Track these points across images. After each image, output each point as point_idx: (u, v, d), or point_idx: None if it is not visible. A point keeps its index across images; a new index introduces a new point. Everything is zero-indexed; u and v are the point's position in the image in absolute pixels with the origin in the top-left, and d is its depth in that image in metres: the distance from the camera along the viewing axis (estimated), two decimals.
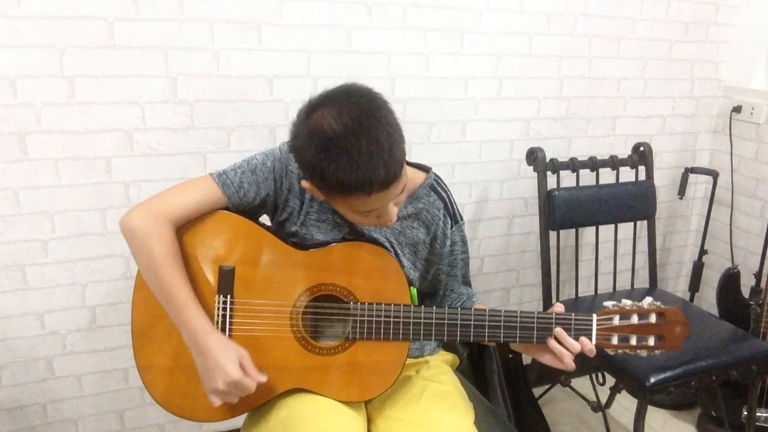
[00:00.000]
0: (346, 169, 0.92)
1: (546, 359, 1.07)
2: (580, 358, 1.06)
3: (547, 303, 1.91)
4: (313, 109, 0.95)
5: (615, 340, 1.04)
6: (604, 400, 1.91)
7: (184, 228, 1.06)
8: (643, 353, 1.05)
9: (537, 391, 2.04)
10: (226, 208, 1.10)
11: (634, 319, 1.04)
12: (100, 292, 1.60)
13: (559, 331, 1.03)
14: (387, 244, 1.15)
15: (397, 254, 1.15)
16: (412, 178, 1.18)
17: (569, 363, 1.03)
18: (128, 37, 1.44)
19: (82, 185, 1.50)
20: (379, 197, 0.97)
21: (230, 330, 1.06)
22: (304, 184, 1.03)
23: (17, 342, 1.56)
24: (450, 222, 1.21)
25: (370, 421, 1.14)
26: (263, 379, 1.00)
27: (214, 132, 1.58)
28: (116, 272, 1.59)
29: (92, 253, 1.56)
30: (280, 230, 1.15)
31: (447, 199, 1.22)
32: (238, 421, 1.15)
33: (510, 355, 1.16)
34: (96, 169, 1.50)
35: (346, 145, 0.91)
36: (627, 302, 1.05)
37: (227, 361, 0.97)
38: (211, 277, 1.06)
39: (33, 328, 1.56)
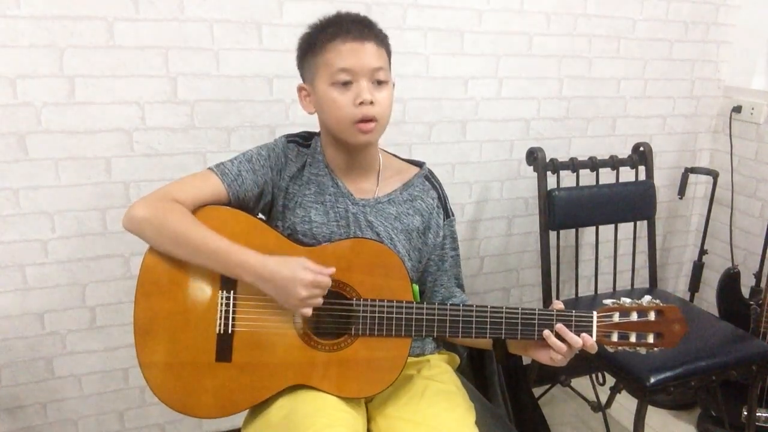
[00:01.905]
0: (328, 24, 1.09)
1: (543, 358, 1.07)
2: (580, 357, 1.06)
3: (547, 303, 1.91)
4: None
5: (615, 337, 1.05)
6: (604, 400, 1.92)
7: None
8: (643, 350, 1.06)
9: (537, 391, 2.03)
10: (228, 201, 1.11)
11: (634, 317, 1.05)
12: (100, 292, 1.60)
13: (560, 327, 1.03)
14: (381, 229, 1.16)
15: (392, 240, 1.16)
16: (406, 169, 1.23)
17: (564, 361, 1.04)
18: (128, 37, 1.44)
19: (82, 185, 1.50)
20: (353, 51, 1.05)
21: (233, 325, 1.06)
22: (298, 85, 1.15)
23: (17, 342, 1.56)
24: (442, 214, 1.22)
25: (370, 419, 1.15)
26: (332, 270, 1.03)
27: (214, 132, 1.58)
28: (116, 272, 1.59)
29: (92, 253, 1.56)
30: (281, 225, 1.16)
31: (440, 191, 1.24)
32: (239, 419, 1.15)
33: (507, 360, 1.16)
34: (96, 169, 1.50)
35: (334, 16, 1.11)
36: (626, 300, 1.06)
37: (295, 271, 1.00)
38: (215, 273, 1.06)
39: (33, 328, 1.56)
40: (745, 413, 1.83)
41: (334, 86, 1.07)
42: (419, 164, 1.25)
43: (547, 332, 1.04)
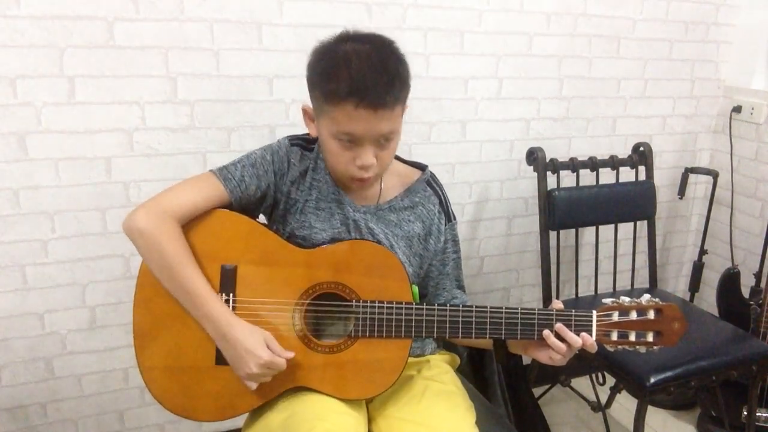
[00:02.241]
0: (343, 75, 0.98)
1: (543, 357, 1.07)
2: (580, 357, 1.06)
3: (547, 303, 1.91)
4: (342, 39, 1.04)
5: (614, 336, 1.05)
6: (604, 400, 1.92)
7: (186, 227, 1.06)
8: (642, 349, 1.06)
9: (537, 391, 2.03)
10: (229, 205, 1.10)
11: (633, 316, 1.05)
12: (100, 292, 1.60)
13: (560, 326, 1.03)
14: (382, 236, 1.15)
15: (392, 247, 1.15)
16: (408, 173, 1.22)
17: (564, 360, 1.04)
18: (128, 37, 1.44)
19: (82, 185, 1.50)
20: (363, 119, 0.98)
21: None
22: (304, 106, 1.11)
23: (17, 342, 1.56)
24: (444, 219, 1.22)
25: (371, 420, 1.14)
26: (291, 354, 1.03)
27: (214, 132, 1.58)
28: (116, 272, 1.59)
29: (92, 253, 1.56)
30: (281, 229, 1.16)
31: (442, 196, 1.23)
32: (239, 421, 1.15)
33: (508, 360, 1.17)
34: (96, 169, 1.50)
35: (353, 58, 0.99)
36: (626, 299, 1.07)
37: (255, 346, 1.00)
38: (214, 276, 1.06)
39: (33, 328, 1.56)
40: (745, 413, 1.83)
41: (337, 140, 1.04)
42: (422, 167, 1.24)
43: (546, 332, 1.04)
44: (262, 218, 1.20)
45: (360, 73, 0.97)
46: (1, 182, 1.44)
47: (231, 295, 1.06)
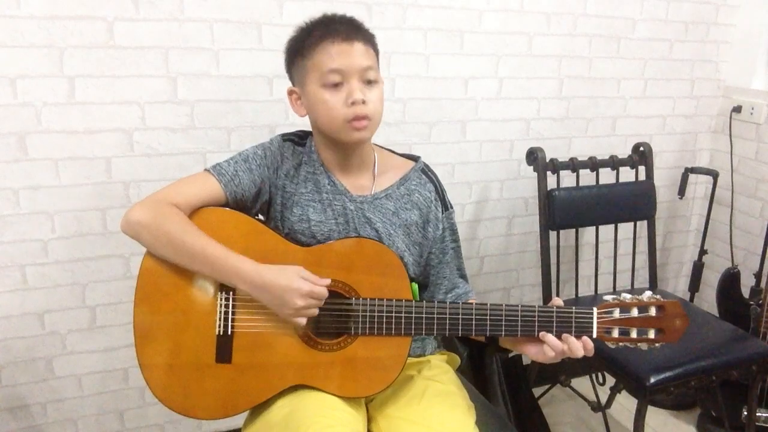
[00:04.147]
0: (315, 27, 1.09)
1: (532, 351, 1.07)
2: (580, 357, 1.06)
3: (547, 303, 1.90)
4: None
5: (615, 333, 1.05)
6: (604, 400, 1.92)
7: None
8: (644, 346, 1.06)
9: (537, 391, 2.03)
10: (225, 202, 1.11)
11: (634, 312, 1.05)
12: (100, 292, 1.60)
13: (566, 336, 1.03)
14: (380, 225, 1.15)
15: (391, 236, 1.16)
16: (402, 165, 1.23)
17: (557, 358, 1.05)
18: (128, 37, 1.44)
19: (82, 185, 1.50)
20: (342, 52, 1.06)
21: (232, 326, 1.06)
22: (288, 89, 1.15)
23: (17, 342, 1.56)
24: (441, 207, 1.22)
25: (371, 420, 1.15)
26: (328, 281, 1.04)
27: (214, 132, 1.58)
28: (116, 272, 1.59)
29: (92, 253, 1.56)
30: (280, 226, 1.16)
31: (437, 184, 1.24)
32: (239, 420, 1.15)
33: (498, 351, 1.17)
34: (96, 169, 1.50)
35: (320, 18, 1.11)
36: (627, 296, 1.06)
37: (291, 280, 1.00)
38: None
39: (33, 328, 1.56)
40: (745, 413, 1.83)
41: (325, 87, 1.07)
42: (414, 158, 1.25)
43: (543, 333, 1.04)
44: (261, 218, 1.20)
45: (329, 21, 1.10)
46: (1, 182, 1.44)
47: (231, 293, 1.06)
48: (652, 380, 1.53)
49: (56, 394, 1.64)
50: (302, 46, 1.09)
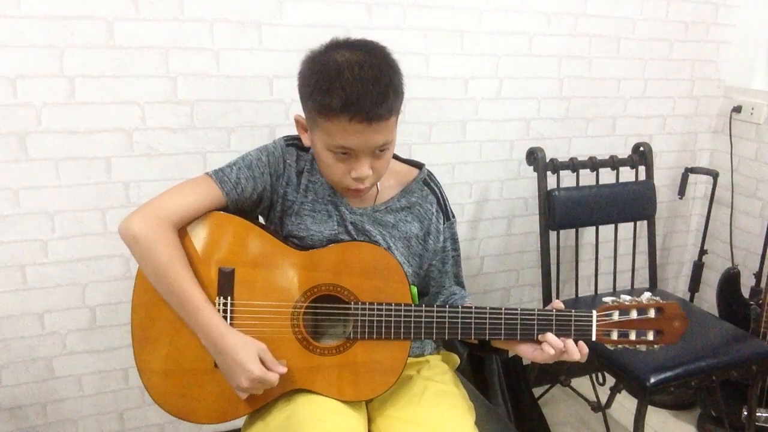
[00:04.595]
0: (336, 88, 0.96)
1: (525, 351, 1.07)
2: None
3: (547, 303, 1.90)
4: (333, 47, 1.02)
5: (615, 336, 1.05)
6: (604, 400, 1.92)
7: (183, 230, 1.06)
8: (643, 348, 1.06)
9: (537, 391, 2.03)
10: (226, 208, 1.10)
11: (633, 314, 1.05)
12: (100, 292, 1.60)
13: (564, 339, 1.03)
14: (379, 238, 1.15)
15: (390, 249, 1.15)
16: (405, 173, 1.21)
17: (553, 359, 1.05)
18: (128, 37, 1.44)
19: (82, 185, 1.50)
20: (358, 132, 0.98)
21: None
22: (296, 116, 1.10)
23: (17, 342, 1.56)
24: (442, 218, 1.21)
25: (370, 420, 1.14)
26: (284, 369, 1.02)
27: (214, 132, 1.58)
28: (116, 272, 1.59)
29: (92, 253, 1.56)
30: (279, 230, 1.16)
31: (439, 195, 1.22)
32: (239, 422, 1.15)
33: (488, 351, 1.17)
34: (96, 169, 1.50)
35: (345, 68, 0.97)
36: (626, 298, 1.06)
37: (247, 360, 0.99)
38: (211, 279, 1.06)
39: (33, 328, 1.56)
40: (745, 413, 1.83)
41: (332, 153, 1.03)
42: (418, 166, 1.23)
43: (542, 335, 1.04)
44: (261, 219, 1.20)
45: (353, 87, 0.96)
46: (1, 182, 1.44)
47: (229, 297, 1.06)
48: (652, 380, 1.53)
49: (56, 394, 1.64)
50: (319, 103, 0.99)
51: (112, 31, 1.42)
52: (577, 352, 1.03)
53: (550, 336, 1.03)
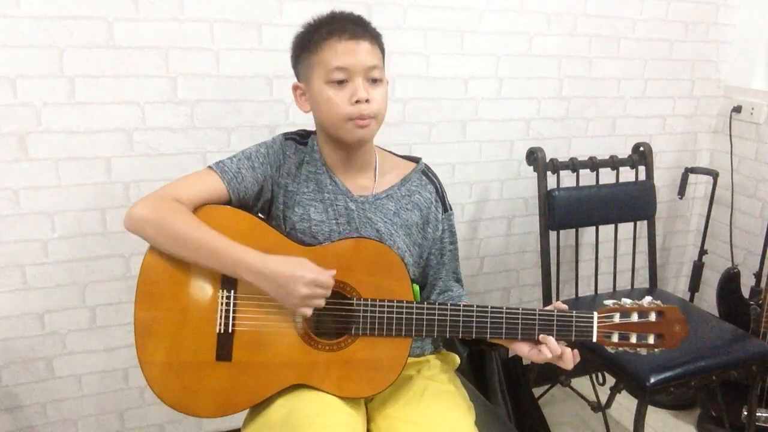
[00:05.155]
0: (322, 24, 1.10)
1: (523, 350, 1.07)
2: (581, 357, 1.06)
3: (547, 303, 1.91)
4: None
5: (615, 338, 1.05)
6: (604, 400, 1.91)
7: None
8: (643, 351, 1.06)
9: (537, 391, 2.03)
10: (228, 199, 1.11)
11: (635, 318, 1.05)
12: (100, 292, 1.60)
13: (562, 344, 1.04)
14: (381, 225, 1.16)
15: (392, 236, 1.16)
16: (404, 165, 1.24)
17: (550, 360, 1.05)
18: (128, 37, 1.44)
19: (82, 185, 1.50)
20: (348, 51, 1.06)
21: (233, 325, 1.06)
22: (293, 85, 1.16)
23: (17, 342, 1.56)
24: (441, 208, 1.23)
25: (370, 420, 1.15)
26: (333, 271, 1.04)
27: (214, 132, 1.58)
28: (116, 272, 1.59)
29: (92, 253, 1.56)
30: (282, 225, 1.16)
31: (437, 185, 1.24)
32: (239, 419, 1.15)
33: (496, 353, 1.17)
34: (96, 169, 1.50)
35: (327, 15, 1.12)
36: (627, 301, 1.06)
37: (296, 268, 1.01)
38: (215, 273, 1.06)
39: (33, 328, 1.56)
40: (745, 413, 1.83)
41: (330, 85, 1.07)
42: (416, 159, 1.26)
43: (543, 336, 1.04)
44: (262, 217, 1.20)
45: (336, 18, 1.11)
46: (1, 182, 1.44)
47: (232, 291, 1.07)
48: (652, 380, 1.53)
49: (56, 394, 1.63)
50: (309, 42, 1.10)
51: (112, 31, 1.42)
52: (571, 361, 1.04)
53: (551, 340, 1.04)
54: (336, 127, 1.10)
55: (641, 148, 1.98)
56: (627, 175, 1.98)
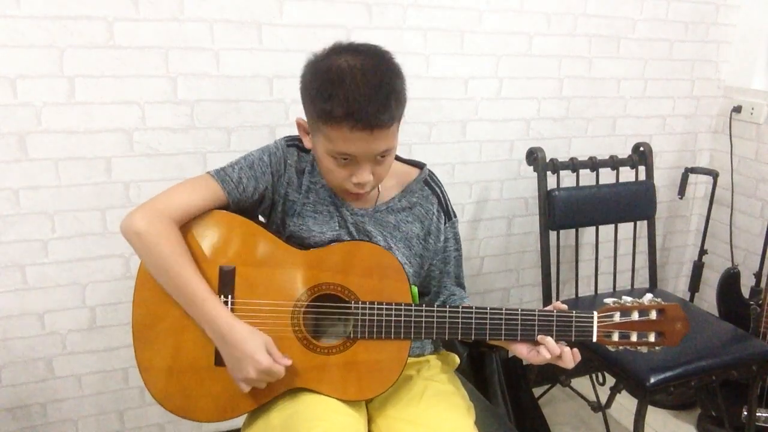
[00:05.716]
0: (338, 95, 0.96)
1: (521, 350, 1.07)
2: (582, 357, 1.06)
3: (547, 303, 1.91)
4: (335, 52, 1.01)
5: (616, 337, 1.05)
6: (604, 400, 1.91)
7: (184, 228, 1.06)
8: (644, 349, 1.06)
9: (537, 391, 2.03)
10: (227, 207, 1.10)
11: (635, 316, 1.05)
12: (100, 292, 1.60)
13: (561, 344, 1.04)
14: (380, 239, 1.15)
15: (391, 249, 1.15)
16: (406, 173, 1.21)
17: (549, 361, 1.05)
18: (128, 37, 1.44)
19: (82, 185, 1.50)
20: (360, 140, 0.98)
21: None
22: (298, 119, 1.09)
23: (17, 342, 1.56)
24: (444, 218, 1.21)
25: (370, 420, 1.14)
26: (289, 362, 1.02)
27: (214, 132, 1.58)
28: (116, 272, 1.59)
29: (92, 253, 1.56)
30: (281, 231, 1.16)
31: (441, 195, 1.22)
32: (239, 421, 1.15)
33: (496, 353, 1.17)
34: (96, 169, 1.50)
35: (348, 76, 0.96)
36: (627, 299, 1.06)
37: (255, 350, 0.99)
38: (212, 277, 1.06)
39: (33, 328, 1.56)
40: (745, 413, 1.83)
41: (332, 158, 1.03)
42: (419, 166, 1.23)
43: (541, 336, 1.04)
44: (262, 220, 1.20)
45: (355, 94, 0.95)
46: (1, 182, 1.44)
47: (229, 296, 1.06)
48: (652, 380, 1.53)
49: (56, 394, 1.64)
50: (320, 109, 0.98)
51: (112, 31, 1.42)
52: (571, 361, 1.03)
53: (550, 341, 1.03)
54: (331, 185, 1.11)
55: (641, 148, 1.98)
56: (627, 175, 1.98)
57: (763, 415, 1.86)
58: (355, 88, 0.95)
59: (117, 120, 1.49)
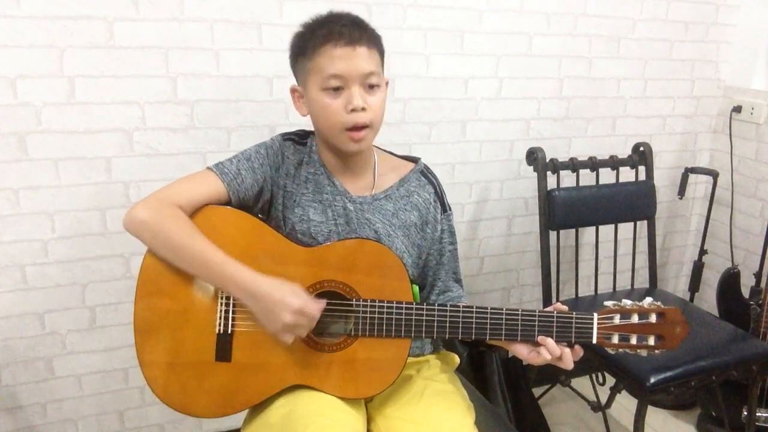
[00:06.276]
0: (318, 28, 1.07)
1: (521, 351, 1.07)
2: (582, 357, 1.06)
3: (547, 303, 1.91)
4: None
5: (615, 339, 1.05)
6: (604, 400, 1.92)
7: None
8: (644, 352, 1.06)
9: (537, 391, 2.03)
10: (227, 200, 1.10)
11: (635, 319, 1.05)
12: (100, 292, 1.60)
13: (561, 345, 1.04)
14: (380, 226, 1.16)
15: (390, 236, 1.16)
16: (402, 165, 1.24)
17: (549, 362, 1.05)
18: (128, 37, 1.44)
19: (82, 185, 1.50)
20: (344, 57, 1.04)
21: (233, 325, 1.06)
22: (291, 86, 1.15)
23: (17, 342, 1.56)
24: (440, 208, 1.22)
25: (370, 419, 1.15)
26: (323, 303, 1.02)
27: (214, 132, 1.58)
28: (116, 272, 1.59)
29: (92, 253, 1.56)
30: (282, 226, 1.16)
31: (436, 185, 1.24)
32: (239, 419, 1.15)
33: (496, 353, 1.17)
34: (96, 169, 1.50)
35: (327, 16, 1.10)
36: (627, 302, 1.06)
37: (285, 294, 0.99)
38: None
39: (33, 328, 1.56)
40: (745, 413, 1.83)
41: (326, 91, 1.07)
42: (414, 160, 1.25)
43: (542, 337, 1.04)
44: (261, 217, 1.20)
45: (334, 21, 1.07)
46: (1, 182, 1.44)
47: None
48: (652, 380, 1.53)
49: (56, 394, 1.64)
50: (305, 47, 1.08)
51: (112, 31, 1.42)
52: (571, 362, 1.04)
53: (550, 342, 1.03)
54: (331, 135, 1.10)
55: (641, 148, 1.98)
56: (627, 175, 1.98)
57: (763, 415, 1.86)
58: (333, 19, 1.08)
59: (117, 120, 1.49)
